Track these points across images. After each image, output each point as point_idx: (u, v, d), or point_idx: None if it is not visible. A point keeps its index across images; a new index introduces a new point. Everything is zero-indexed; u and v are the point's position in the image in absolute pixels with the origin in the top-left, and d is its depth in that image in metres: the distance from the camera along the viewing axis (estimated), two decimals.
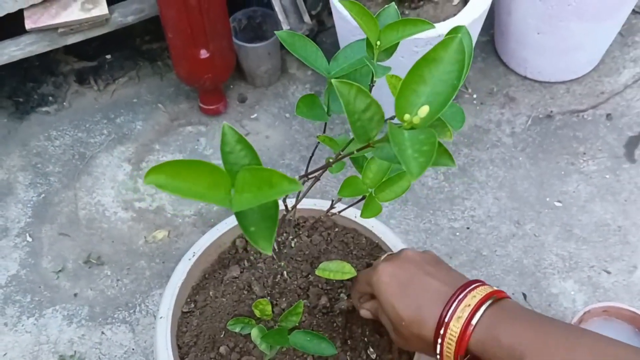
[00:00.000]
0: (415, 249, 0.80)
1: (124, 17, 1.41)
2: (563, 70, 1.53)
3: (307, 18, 1.45)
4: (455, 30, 0.53)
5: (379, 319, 0.79)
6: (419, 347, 0.71)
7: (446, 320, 0.65)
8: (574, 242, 1.31)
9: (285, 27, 1.45)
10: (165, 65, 1.64)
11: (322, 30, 1.64)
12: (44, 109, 1.58)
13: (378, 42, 0.57)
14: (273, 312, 0.82)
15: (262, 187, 0.46)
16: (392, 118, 0.54)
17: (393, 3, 0.64)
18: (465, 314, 0.64)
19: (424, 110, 0.44)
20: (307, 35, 1.44)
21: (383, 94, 0.68)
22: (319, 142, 0.76)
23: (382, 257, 0.79)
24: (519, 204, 1.37)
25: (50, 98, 1.60)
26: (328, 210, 0.82)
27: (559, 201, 1.37)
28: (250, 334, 0.89)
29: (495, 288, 0.68)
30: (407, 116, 0.45)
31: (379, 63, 0.59)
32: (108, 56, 1.66)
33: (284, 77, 1.62)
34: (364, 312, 0.82)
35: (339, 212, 0.83)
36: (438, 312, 0.66)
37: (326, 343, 0.77)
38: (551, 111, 1.51)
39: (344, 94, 0.47)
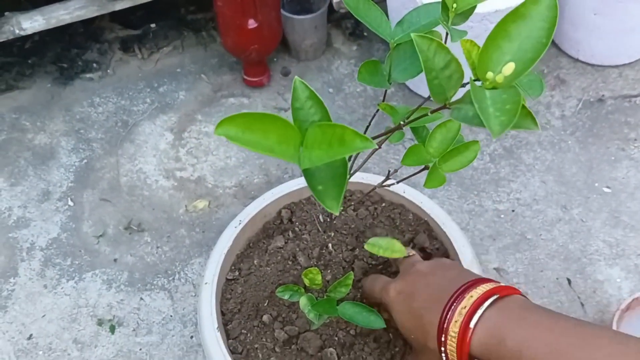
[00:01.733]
0: (422, 260, 0.78)
1: None
2: (617, 53, 1.48)
3: None
4: None
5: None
6: (430, 357, 0.68)
7: (445, 326, 0.61)
8: (622, 229, 1.28)
9: None
10: (210, 36, 1.63)
11: None
12: (88, 75, 1.59)
13: (454, 5, 0.55)
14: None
15: (333, 144, 0.44)
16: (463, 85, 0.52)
17: None
18: (462, 317, 0.60)
19: (510, 68, 0.42)
20: None
21: None
22: (377, 111, 0.74)
23: (399, 261, 0.80)
24: (566, 188, 1.33)
25: (95, 65, 1.60)
26: (382, 182, 0.80)
27: (608, 187, 1.33)
28: (294, 303, 0.88)
29: (501, 284, 0.63)
30: (489, 74, 0.43)
31: (453, 27, 0.57)
32: (153, 25, 1.65)
33: (329, 52, 1.59)
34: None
35: (393, 183, 0.82)
36: (437, 319, 0.63)
37: (375, 316, 0.76)
38: (603, 95, 1.46)
39: (424, 49, 0.45)
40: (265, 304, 0.91)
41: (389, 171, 0.77)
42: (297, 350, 0.86)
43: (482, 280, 0.64)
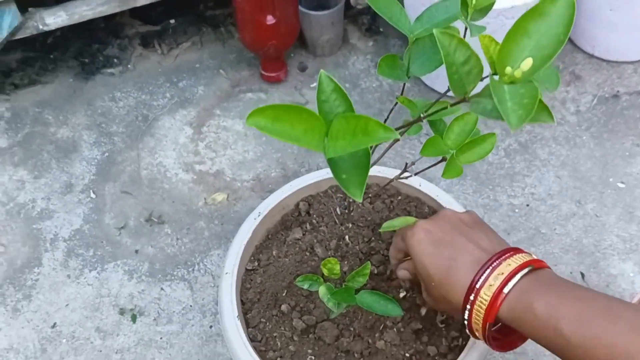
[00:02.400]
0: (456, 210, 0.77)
1: None
2: (632, 49, 1.49)
3: None
4: None
5: (416, 280, 0.78)
6: (447, 310, 0.70)
7: (477, 286, 0.62)
8: (636, 224, 1.29)
9: None
10: (228, 32, 1.66)
11: None
12: (109, 70, 1.62)
13: (474, 1, 0.57)
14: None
15: (357, 134, 0.46)
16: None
17: None
18: (498, 282, 0.61)
19: (528, 63, 0.44)
20: None
21: None
22: (395, 104, 0.76)
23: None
24: (581, 183, 1.35)
25: (115, 60, 1.63)
26: (400, 175, 0.82)
27: (622, 182, 1.34)
28: (311, 293, 0.91)
29: (534, 257, 0.65)
30: (508, 69, 0.45)
31: (472, 22, 0.58)
32: (172, 21, 1.68)
33: (345, 48, 1.61)
34: (402, 273, 0.80)
35: (407, 177, 0.84)
36: (469, 277, 0.63)
37: (393, 304, 0.78)
38: (618, 91, 1.47)
39: (445, 45, 0.47)
40: (284, 294, 0.93)
41: (406, 164, 0.79)
42: (315, 339, 0.88)
43: (518, 250, 0.65)
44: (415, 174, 0.86)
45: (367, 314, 0.88)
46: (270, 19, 1.38)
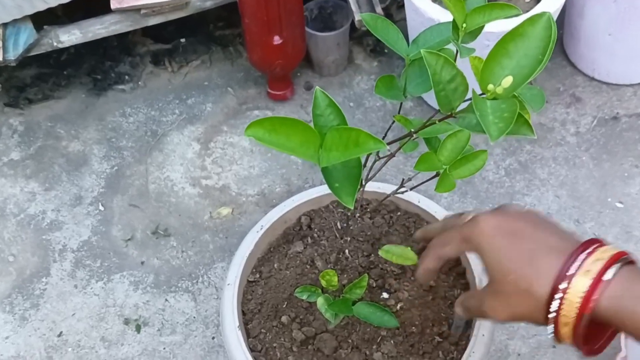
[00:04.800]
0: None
1: (203, 1, 1.47)
2: (632, 73, 1.52)
3: (379, 9, 1.48)
4: (536, 17, 0.55)
5: (473, 313, 0.71)
6: (523, 307, 0.61)
7: (569, 273, 0.56)
8: (634, 243, 1.31)
9: (357, 17, 1.48)
10: (237, 51, 1.70)
11: None
12: (120, 86, 1.66)
13: (464, 25, 0.60)
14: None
15: (349, 145, 0.49)
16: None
17: None
18: (596, 268, 0.56)
19: (508, 81, 0.47)
20: None
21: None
22: (391, 124, 0.79)
23: (469, 216, 0.68)
24: (579, 202, 1.37)
25: (127, 77, 1.68)
26: (397, 190, 0.85)
27: (621, 202, 1.37)
28: (311, 305, 0.93)
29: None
30: (490, 86, 0.48)
31: (463, 45, 0.62)
32: (182, 40, 1.72)
33: (350, 68, 1.65)
34: (459, 309, 0.73)
35: (405, 191, 0.86)
36: (557, 264, 0.57)
37: (389, 316, 0.80)
38: (617, 113, 1.50)
39: (432, 64, 0.50)
40: (284, 306, 0.95)
41: (403, 179, 0.82)
42: (314, 351, 0.90)
43: (602, 241, 0.62)
44: (411, 189, 0.89)
45: (365, 327, 0.90)
46: (277, 40, 1.42)
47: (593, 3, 1.40)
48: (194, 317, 1.28)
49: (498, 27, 1.23)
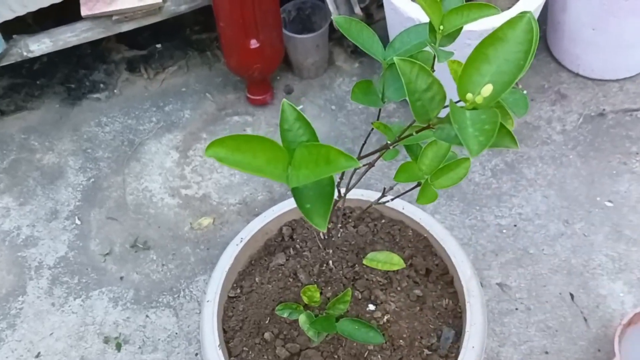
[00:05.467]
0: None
1: (177, 5, 1.43)
2: (617, 68, 1.49)
3: (357, 9, 1.45)
4: (515, 19, 0.52)
5: None
6: None
7: None
8: (624, 243, 1.28)
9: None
10: (214, 56, 1.66)
11: (370, 23, 1.63)
12: (95, 95, 1.62)
13: (441, 27, 0.56)
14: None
15: (319, 163, 0.46)
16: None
17: None
18: None
19: (488, 89, 0.43)
20: None
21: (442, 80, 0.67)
22: (372, 129, 0.76)
23: None
24: (568, 202, 1.34)
25: (102, 85, 1.63)
26: (379, 199, 0.81)
27: (610, 201, 1.34)
28: (295, 320, 0.89)
29: None
30: (469, 95, 0.44)
31: (441, 48, 0.58)
32: (158, 45, 1.68)
33: (331, 70, 1.61)
34: None
35: (388, 200, 0.83)
36: None
37: (374, 332, 0.77)
38: (604, 109, 1.47)
39: (406, 72, 0.46)
40: (267, 322, 0.92)
41: (384, 188, 0.79)
42: None
43: None
44: (394, 198, 0.85)
45: (352, 341, 0.86)
46: (254, 43, 1.39)
47: None
48: (176, 333, 1.23)
49: (480, 25, 1.21)
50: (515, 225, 1.31)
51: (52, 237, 1.38)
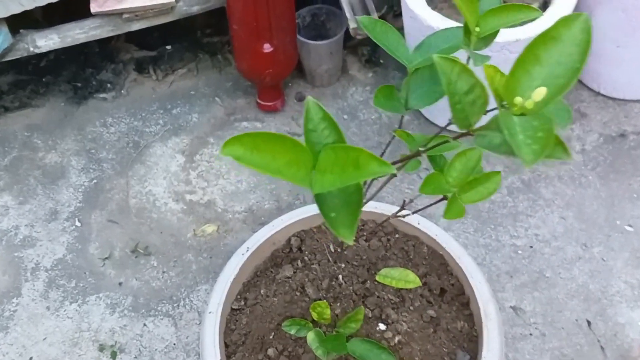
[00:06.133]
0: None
1: (189, 6, 1.39)
2: (639, 87, 1.45)
3: (375, 16, 1.40)
4: (571, 18, 0.47)
5: None
6: None
7: None
8: None
9: (352, 24, 1.41)
10: (225, 59, 1.62)
11: None
12: (102, 95, 1.58)
13: (477, 29, 0.52)
14: None
15: (347, 168, 0.41)
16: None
17: None
18: None
19: (540, 93, 0.39)
20: None
21: None
22: (393, 137, 0.71)
23: None
24: (586, 225, 1.29)
25: (109, 85, 1.59)
26: (397, 212, 0.77)
27: (630, 225, 1.29)
28: (301, 337, 0.84)
29: None
30: (518, 99, 0.40)
31: (475, 51, 0.54)
32: (168, 47, 1.64)
33: (344, 78, 1.57)
34: None
35: (408, 214, 0.78)
36: None
37: (387, 354, 0.72)
38: (625, 130, 1.43)
39: (446, 72, 0.42)
40: (271, 337, 0.87)
41: (404, 201, 0.74)
42: None
43: None
44: (415, 212, 0.81)
45: None
46: (267, 47, 1.35)
47: (600, 11, 1.33)
48: (174, 344, 1.18)
49: (502, 36, 1.16)
50: (531, 247, 1.27)
51: (51, 239, 1.34)
